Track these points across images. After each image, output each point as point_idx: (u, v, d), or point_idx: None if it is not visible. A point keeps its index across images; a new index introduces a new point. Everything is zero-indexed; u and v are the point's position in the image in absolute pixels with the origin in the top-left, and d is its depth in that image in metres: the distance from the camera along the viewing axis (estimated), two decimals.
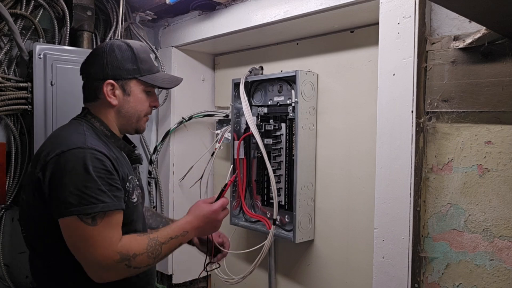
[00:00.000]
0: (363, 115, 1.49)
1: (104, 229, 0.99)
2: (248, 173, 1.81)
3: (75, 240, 1.00)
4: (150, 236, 1.07)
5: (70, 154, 1.01)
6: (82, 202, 0.97)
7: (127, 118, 1.19)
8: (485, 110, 1.07)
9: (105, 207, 0.99)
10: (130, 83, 1.17)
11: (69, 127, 1.15)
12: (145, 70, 1.19)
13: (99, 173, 1.00)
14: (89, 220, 0.98)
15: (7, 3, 1.64)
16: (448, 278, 1.15)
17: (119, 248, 1.00)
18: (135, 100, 1.18)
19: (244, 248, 2.01)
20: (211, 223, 1.21)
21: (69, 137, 1.07)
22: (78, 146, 1.02)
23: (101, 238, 0.98)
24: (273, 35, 1.72)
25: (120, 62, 1.16)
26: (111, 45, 1.18)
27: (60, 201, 0.98)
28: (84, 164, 0.99)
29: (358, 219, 1.51)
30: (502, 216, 1.05)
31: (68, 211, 0.97)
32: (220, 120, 2.03)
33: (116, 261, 0.99)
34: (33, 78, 1.63)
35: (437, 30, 1.17)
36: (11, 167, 1.70)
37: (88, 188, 0.98)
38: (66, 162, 1.00)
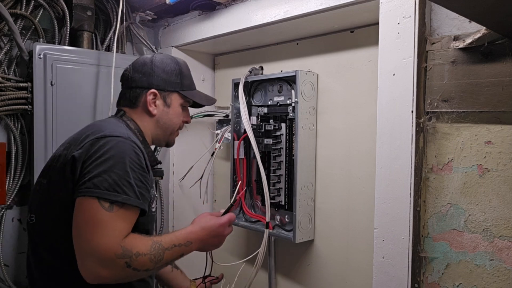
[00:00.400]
0: (363, 115, 1.49)
1: (116, 219, 0.94)
2: (248, 173, 1.81)
3: (85, 221, 0.94)
4: (153, 239, 1.01)
5: (111, 140, 1.00)
6: (107, 187, 0.94)
7: (164, 130, 1.25)
8: (485, 110, 1.07)
9: (126, 199, 0.95)
10: (171, 96, 1.24)
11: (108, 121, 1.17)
12: (186, 85, 1.27)
13: (133, 166, 0.99)
14: (106, 205, 0.94)
15: (7, 3, 1.64)
16: (448, 278, 1.15)
17: (123, 242, 0.94)
18: (173, 113, 1.25)
19: (244, 248, 2.01)
20: (215, 238, 1.15)
21: (112, 126, 1.08)
22: (120, 135, 1.02)
23: (110, 226, 0.93)
24: (273, 35, 1.72)
25: (167, 74, 1.23)
26: (160, 58, 1.25)
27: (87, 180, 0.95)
28: (122, 152, 0.99)
29: (358, 219, 1.51)
30: (502, 216, 1.05)
31: (90, 191, 0.94)
32: (220, 120, 2.03)
33: (117, 255, 0.92)
34: (33, 78, 1.64)
35: (437, 30, 1.17)
36: (11, 167, 1.70)
37: (117, 176, 0.96)
38: (104, 146, 0.99)
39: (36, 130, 1.65)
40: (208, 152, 2.09)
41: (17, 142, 1.71)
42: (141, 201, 0.99)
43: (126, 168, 0.97)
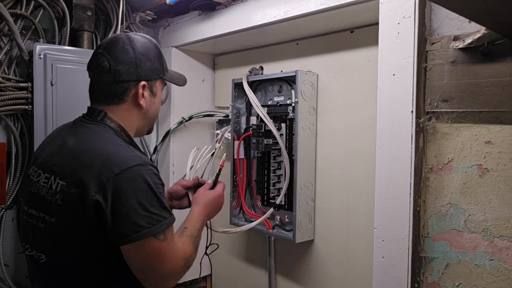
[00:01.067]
0: (363, 115, 1.49)
1: (171, 242, 0.99)
2: (248, 173, 1.81)
3: (149, 259, 0.96)
4: (187, 234, 1.10)
5: (132, 172, 0.94)
6: (152, 223, 0.94)
7: (150, 120, 1.15)
8: (485, 110, 1.07)
9: (169, 222, 0.98)
10: (156, 83, 1.12)
11: (101, 138, 1.02)
12: (166, 68, 1.16)
13: (159, 189, 0.98)
14: (161, 237, 0.96)
15: (7, 3, 1.64)
16: (448, 278, 1.15)
17: (181, 254, 1.02)
18: (158, 101, 1.15)
19: (244, 248, 2.01)
20: (218, 207, 1.27)
21: (119, 152, 0.98)
22: (136, 163, 0.96)
23: (171, 250, 0.99)
24: (273, 35, 1.72)
25: (151, 61, 1.09)
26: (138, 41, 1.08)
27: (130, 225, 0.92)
28: (147, 182, 0.95)
29: (358, 219, 1.51)
30: (502, 216, 1.05)
31: (140, 235, 0.92)
32: (220, 120, 2.03)
33: (182, 266, 1.02)
34: (33, 78, 1.64)
35: (437, 30, 1.17)
36: (11, 167, 1.70)
37: (154, 207, 0.95)
38: (130, 182, 0.93)
39: (36, 130, 1.65)
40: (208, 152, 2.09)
41: (17, 142, 1.71)
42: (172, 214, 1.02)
43: (157, 195, 0.96)
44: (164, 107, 2.08)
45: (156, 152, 2.08)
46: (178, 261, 1.01)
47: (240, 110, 1.84)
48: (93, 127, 1.05)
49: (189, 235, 1.10)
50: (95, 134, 1.03)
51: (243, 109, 1.85)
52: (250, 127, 1.79)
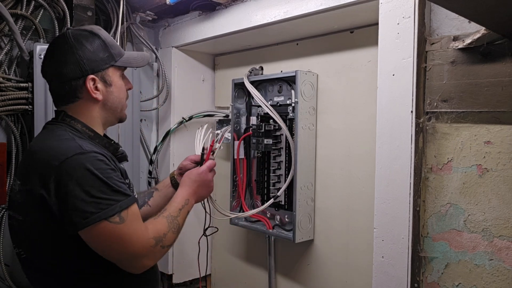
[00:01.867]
0: (363, 115, 1.49)
1: (131, 223, 0.99)
2: (248, 173, 1.82)
3: (109, 243, 0.98)
4: (164, 215, 1.11)
5: (71, 162, 0.96)
6: (100, 207, 0.95)
7: (113, 110, 1.15)
8: (484, 110, 1.07)
9: (123, 204, 0.98)
10: (108, 72, 1.12)
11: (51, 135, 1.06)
12: (117, 54, 1.14)
13: (106, 174, 0.98)
14: (116, 219, 0.96)
15: (7, 4, 1.64)
16: (448, 278, 1.15)
17: (151, 234, 1.03)
18: (117, 89, 1.14)
19: (244, 248, 2.01)
20: (204, 185, 1.29)
21: (60, 145, 1.01)
22: (76, 152, 0.97)
23: (133, 232, 0.99)
24: (273, 35, 1.72)
25: (94, 53, 1.09)
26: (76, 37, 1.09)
27: (78, 212, 0.94)
28: (89, 169, 0.95)
29: (358, 219, 1.51)
30: (502, 216, 1.06)
31: (90, 220, 0.94)
32: (220, 120, 2.03)
33: (153, 245, 1.02)
34: (33, 78, 1.64)
35: (437, 30, 1.17)
36: (12, 167, 1.70)
37: (101, 192, 0.96)
38: (70, 171, 0.95)
39: (36, 130, 1.65)
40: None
41: (17, 142, 1.71)
42: (131, 195, 1.02)
43: (103, 180, 0.97)
44: (164, 107, 2.08)
45: (156, 152, 2.09)
46: (145, 241, 1.01)
47: (240, 110, 1.85)
48: (50, 127, 1.10)
49: (166, 215, 1.11)
50: (47, 133, 1.09)
51: (243, 109, 1.85)
52: (250, 127, 1.79)
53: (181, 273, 2.10)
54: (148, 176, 2.11)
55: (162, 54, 2.08)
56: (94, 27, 1.15)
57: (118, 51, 1.16)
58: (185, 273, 2.11)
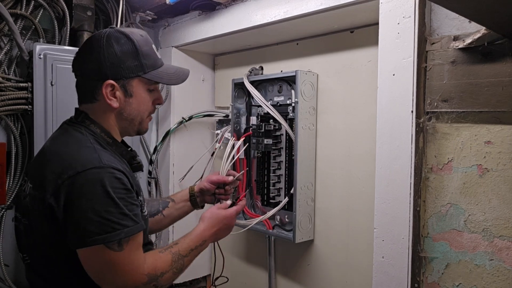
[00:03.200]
0: (363, 115, 1.49)
1: (130, 253, 0.93)
2: (248, 173, 1.81)
3: (101, 269, 0.92)
4: (172, 251, 1.03)
5: (87, 175, 0.90)
6: (105, 230, 0.88)
7: (129, 121, 1.07)
8: (484, 110, 1.07)
9: (129, 232, 0.91)
10: (132, 83, 1.04)
11: (71, 139, 1.01)
12: (149, 66, 1.05)
13: (120, 194, 0.92)
14: (115, 246, 0.90)
15: (7, 3, 1.64)
16: (448, 278, 1.15)
17: (146, 269, 0.95)
18: (138, 102, 1.06)
19: (244, 248, 2.01)
20: (227, 229, 1.20)
21: (79, 153, 0.95)
22: (94, 165, 0.91)
23: (129, 263, 0.93)
24: (273, 35, 1.72)
25: (120, 59, 1.01)
26: (108, 37, 1.01)
27: (79, 229, 0.89)
28: (103, 186, 0.90)
29: (358, 219, 1.51)
30: (502, 216, 1.05)
31: (90, 241, 0.88)
32: (220, 120, 2.03)
33: (145, 283, 0.95)
34: (33, 78, 1.64)
35: (437, 30, 1.17)
36: (11, 167, 1.70)
37: (109, 213, 0.89)
38: (83, 185, 0.90)
39: (36, 130, 1.65)
40: (208, 152, 2.09)
41: (17, 142, 1.71)
42: (140, 223, 0.96)
43: (115, 201, 0.90)
44: (164, 107, 2.08)
45: (156, 152, 2.08)
46: (137, 277, 0.93)
47: (240, 110, 1.84)
48: (70, 128, 1.04)
49: (174, 252, 1.03)
50: (65, 136, 1.03)
51: (243, 109, 1.85)
52: (250, 127, 1.79)
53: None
54: (148, 176, 2.11)
55: (162, 54, 2.05)
56: (135, 32, 1.06)
57: (152, 62, 1.06)
58: (185, 273, 2.10)
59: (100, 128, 1.04)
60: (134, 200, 0.96)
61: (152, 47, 1.08)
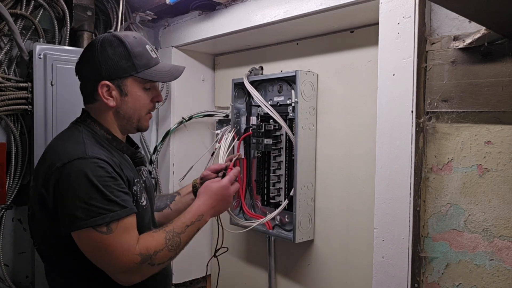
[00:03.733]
0: (363, 115, 1.49)
1: (120, 235, 0.98)
2: (248, 173, 1.81)
3: (94, 251, 0.99)
4: (166, 230, 1.08)
5: (72, 165, 0.98)
6: (91, 215, 0.95)
7: (127, 119, 1.15)
8: (484, 110, 1.07)
9: (115, 215, 0.97)
10: (126, 82, 1.11)
11: (67, 135, 1.11)
12: (141, 65, 1.12)
13: (104, 182, 0.98)
14: (104, 229, 0.96)
15: (7, 3, 1.64)
16: (448, 278, 1.15)
17: (138, 249, 1.00)
18: (133, 100, 1.13)
19: (244, 248, 2.01)
20: (224, 200, 1.24)
21: (68, 147, 1.04)
22: (79, 156, 0.99)
23: (119, 245, 0.98)
24: (273, 35, 1.72)
25: (113, 61, 1.09)
26: (102, 42, 1.11)
27: (67, 215, 0.97)
28: (87, 175, 0.97)
29: (358, 219, 1.51)
30: (502, 216, 1.05)
31: (77, 225, 0.96)
32: (220, 120, 2.03)
33: (138, 263, 0.99)
34: (33, 78, 1.64)
35: (437, 30, 1.17)
36: (11, 167, 1.70)
37: (94, 200, 0.96)
38: (68, 175, 0.97)
39: (36, 130, 1.65)
40: (208, 152, 2.09)
41: (17, 142, 1.71)
42: (128, 207, 1.01)
43: (99, 188, 0.97)
44: (164, 107, 2.08)
45: (156, 152, 2.08)
46: (129, 257, 0.98)
47: (240, 110, 1.84)
48: (72, 126, 1.15)
49: (168, 230, 1.08)
50: (65, 133, 1.13)
51: (243, 109, 1.85)
52: (250, 127, 1.79)
53: (181, 273, 2.10)
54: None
55: (162, 54, 2.07)
56: (128, 35, 1.14)
57: (145, 62, 1.13)
58: (185, 273, 2.11)
59: (99, 126, 1.13)
60: (121, 188, 1.02)
61: (145, 48, 1.15)
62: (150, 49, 1.16)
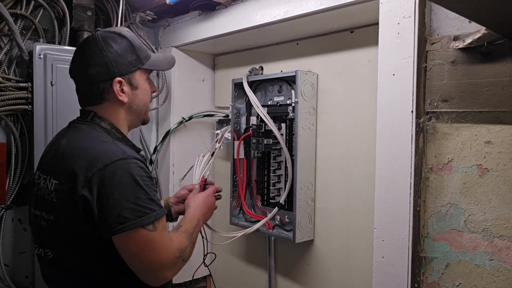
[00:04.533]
0: (363, 115, 1.49)
1: (162, 231, 1.01)
2: (248, 173, 1.81)
3: (140, 250, 0.98)
4: (181, 230, 1.13)
5: (115, 166, 0.98)
6: (138, 215, 0.96)
7: (138, 113, 1.17)
8: (484, 110, 1.07)
9: (157, 215, 1.00)
10: (135, 75, 1.13)
11: (90, 136, 1.07)
12: (144, 57, 1.15)
13: (146, 182, 1.00)
14: (151, 227, 0.98)
15: (7, 3, 1.64)
16: (448, 278, 1.15)
17: (176, 245, 1.05)
18: (143, 92, 1.16)
19: (244, 248, 2.01)
20: (211, 207, 1.32)
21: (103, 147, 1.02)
22: (120, 157, 0.99)
23: (163, 240, 1.01)
24: (273, 35, 1.72)
25: (121, 56, 1.09)
26: (104, 39, 1.09)
27: (115, 217, 0.95)
28: (132, 175, 0.98)
29: (358, 219, 1.51)
30: (502, 216, 1.05)
31: (126, 226, 0.95)
32: (220, 120, 2.03)
33: (177, 257, 1.03)
34: (33, 78, 1.64)
35: (437, 30, 1.17)
36: (11, 167, 1.70)
37: (140, 200, 0.97)
38: (113, 176, 0.97)
39: (36, 130, 1.64)
40: (208, 152, 2.08)
41: (17, 142, 1.71)
42: (163, 207, 1.04)
43: (143, 188, 0.98)
44: (164, 107, 2.08)
45: (156, 152, 2.08)
46: (171, 251, 1.02)
47: (240, 110, 1.84)
48: (82, 126, 1.11)
49: (183, 230, 1.13)
50: (82, 133, 1.09)
51: (243, 109, 1.85)
52: (250, 127, 1.79)
53: (181, 273, 2.09)
54: None
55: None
56: (122, 29, 1.15)
57: (145, 54, 1.16)
58: (185, 273, 2.11)
59: (110, 125, 1.12)
60: (155, 187, 1.05)
61: (140, 41, 1.18)
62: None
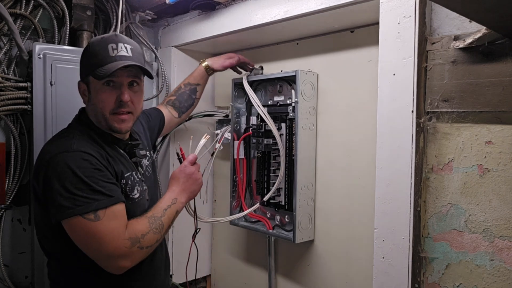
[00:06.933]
0: (363, 115, 1.48)
1: (108, 222, 1.03)
2: (248, 173, 1.81)
3: (84, 238, 1.03)
4: (147, 215, 1.13)
5: (57, 158, 1.05)
6: (76, 204, 1.01)
7: (96, 117, 1.17)
8: (485, 110, 1.07)
9: (100, 204, 1.02)
10: (89, 81, 1.16)
11: (63, 132, 1.19)
12: (95, 64, 1.12)
13: (88, 173, 1.04)
14: (91, 216, 1.01)
15: (6, 3, 1.64)
16: (449, 278, 1.15)
17: (127, 235, 1.05)
18: (95, 98, 1.15)
19: (244, 248, 2.01)
20: (190, 180, 1.26)
21: (56, 142, 1.12)
22: (63, 150, 1.06)
23: (108, 231, 1.02)
24: (273, 34, 1.72)
25: (81, 61, 1.19)
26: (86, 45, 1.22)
27: (55, 205, 1.02)
28: (70, 167, 1.03)
29: (358, 219, 1.50)
30: (503, 216, 1.05)
31: (65, 214, 1.01)
32: (220, 120, 2.03)
33: (128, 247, 1.04)
34: (32, 78, 1.63)
35: (437, 30, 1.17)
36: (11, 167, 1.70)
37: (79, 190, 1.02)
38: (54, 168, 1.04)
39: (35, 130, 1.64)
40: (208, 152, 2.08)
41: (16, 142, 1.70)
42: (115, 196, 1.06)
43: (83, 179, 1.02)
44: None
45: (155, 152, 2.08)
46: (119, 242, 1.03)
47: (240, 110, 1.84)
48: (70, 123, 1.23)
49: (149, 215, 1.14)
50: (62, 131, 1.21)
51: (243, 109, 1.85)
52: (250, 127, 1.78)
53: (181, 273, 2.09)
54: None
55: (162, 54, 2.07)
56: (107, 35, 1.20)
57: (99, 60, 1.12)
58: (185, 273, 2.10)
59: (89, 121, 1.20)
60: (107, 179, 1.08)
61: (106, 47, 1.12)
62: (114, 47, 1.13)
